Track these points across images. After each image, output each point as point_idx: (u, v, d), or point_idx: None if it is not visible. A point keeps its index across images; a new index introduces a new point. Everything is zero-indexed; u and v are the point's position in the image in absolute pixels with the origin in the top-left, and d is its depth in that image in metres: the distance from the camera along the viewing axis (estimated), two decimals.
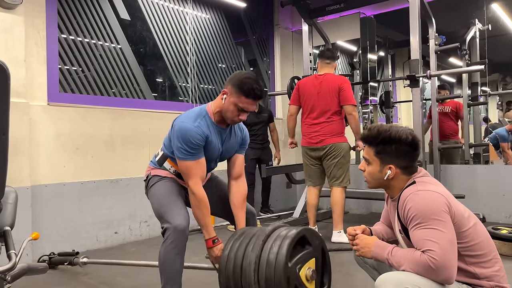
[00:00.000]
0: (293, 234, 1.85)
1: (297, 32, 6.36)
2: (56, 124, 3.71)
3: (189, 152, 2.12)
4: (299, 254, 1.85)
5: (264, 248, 1.82)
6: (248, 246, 1.88)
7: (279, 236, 1.85)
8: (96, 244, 3.93)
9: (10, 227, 2.04)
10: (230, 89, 2.15)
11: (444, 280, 1.48)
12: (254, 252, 1.83)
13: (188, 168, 2.15)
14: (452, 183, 4.74)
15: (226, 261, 1.90)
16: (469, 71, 5.37)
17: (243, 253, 1.86)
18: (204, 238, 2.21)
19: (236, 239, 1.97)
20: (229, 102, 2.15)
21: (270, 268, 1.76)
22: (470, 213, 1.65)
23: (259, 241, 1.86)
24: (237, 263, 1.86)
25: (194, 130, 2.12)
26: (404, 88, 7.94)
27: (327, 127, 3.90)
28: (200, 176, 2.17)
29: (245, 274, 1.81)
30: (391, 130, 1.68)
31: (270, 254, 1.79)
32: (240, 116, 2.17)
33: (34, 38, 3.61)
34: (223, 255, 1.94)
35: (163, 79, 4.89)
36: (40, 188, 3.55)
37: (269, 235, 1.88)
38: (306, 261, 1.87)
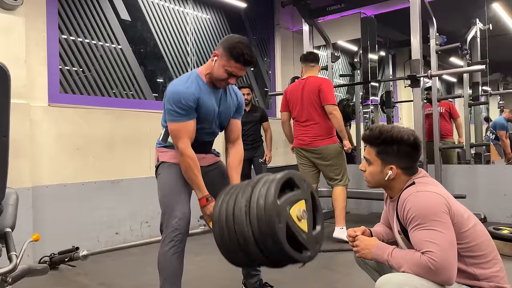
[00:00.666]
0: (279, 176, 1.84)
1: (297, 32, 6.36)
2: (56, 125, 3.72)
3: (179, 113, 2.11)
4: (287, 195, 1.83)
5: (253, 192, 1.81)
6: (238, 195, 1.87)
7: (267, 181, 1.84)
8: (97, 244, 3.92)
9: (11, 229, 2.03)
10: (221, 52, 2.12)
11: (444, 281, 1.47)
12: (244, 197, 1.82)
13: (177, 129, 2.14)
14: (453, 183, 4.74)
15: (218, 212, 1.88)
16: (470, 71, 5.37)
17: (234, 202, 1.85)
18: (197, 197, 2.19)
19: (227, 192, 1.95)
20: (218, 65, 2.13)
21: (260, 208, 1.74)
22: (470, 213, 1.65)
23: (248, 187, 1.86)
24: (229, 211, 1.84)
25: (184, 91, 2.11)
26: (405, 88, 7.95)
27: (315, 129, 3.90)
28: (189, 137, 2.15)
29: (237, 218, 1.79)
30: (393, 131, 1.67)
31: (259, 196, 1.78)
32: (229, 80, 2.16)
33: (35, 39, 3.61)
34: (215, 207, 1.92)
35: (164, 79, 4.89)
36: (41, 189, 3.55)
37: (257, 181, 1.87)
38: (295, 202, 1.85)
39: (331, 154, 3.90)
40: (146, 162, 4.28)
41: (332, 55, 5.61)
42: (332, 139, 3.94)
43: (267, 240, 1.73)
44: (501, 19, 6.69)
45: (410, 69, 4.08)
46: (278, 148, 6.03)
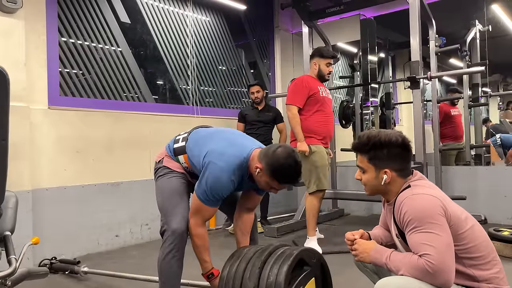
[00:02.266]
0: (290, 258, 1.82)
1: (297, 34, 6.36)
2: (56, 128, 3.72)
3: (212, 200, 2.07)
4: (298, 278, 1.83)
5: (262, 276, 1.80)
6: (245, 272, 1.85)
7: (276, 262, 1.82)
8: (97, 247, 3.93)
9: (10, 232, 2.04)
10: (264, 167, 1.99)
11: (442, 284, 1.47)
12: (251, 280, 1.80)
13: (200, 209, 2.10)
14: (453, 185, 4.74)
15: (223, 286, 1.88)
16: (470, 72, 5.37)
17: (240, 280, 1.83)
18: (201, 272, 2.20)
19: (232, 263, 1.94)
20: (261, 179, 2.04)
21: None
22: (468, 215, 1.65)
23: (255, 268, 1.84)
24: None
25: (227, 186, 2.04)
26: (405, 89, 7.96)
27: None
28: (206, 219, 2.14)
29: None
30: (380, 135, 1.68)
31: (267, 284, 1.76)
32: (271, 190, 2.12)
33: (35, 42, 3.62)
34: (220, 283, 1.92)
35: (164, 81, 4.89)
36: (41, 192, 3.55)
37: (265, 261, 1.85)
38: (306, 283, 1.86)
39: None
40: (146, 164, 4.28)
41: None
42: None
43: None
44: (501, 20, 6.71)
45: (410, 71, 4.08)
46: None
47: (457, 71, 6.05)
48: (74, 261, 3.24)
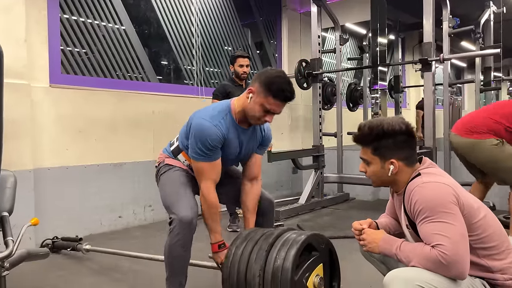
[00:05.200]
0: (298, 242, 1.77)
1: (305, 14, 6.21)
2: (58, 107, 3.65)
3: (205, 153, 2.02)
4: (306, 263, 1.79)
5: (268, 259, 1.76)
6: (251, 254, 1.81)
7: (284, 245, 1.78)
8: (100, 228, 3.90)
9: (8, 213, 1.99)
10: (257, 88, 1.98)
11: (456, 276, 1.41)
12: (257, 263, 1.77)
13: (202, 169, 2.05)
14: (462, 171, 4.63)
15: (229, 268, 1.85)
16: (485, 55, 5.22)
17: (246, 263, 1.80)
18: (210, 242, 2.14)
19: (238, 245, 1.90)
20: (255, 102, 1.99)
21: (276, 283, 1.70)
22: (480, 203, 1.58)
23: (262, 251, 1.79)
24: (241, 274, 1.80)
25: (213, 131, 1.99)
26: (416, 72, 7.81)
27: None
28: (213, 178, 2.08)
29: (250, 287, 1.76)
30: (383, 124, 1.59)
31: (274, 266, 1.73)
32: (266, 118, 2.04)
33: (35, 17, 3.52)
34: (225, 264, 1.88)
35: (168, 61, 4.79)
36: (43, 172, 3.51)
37: (272, 244, 1.81)
38: (313, 268, 1.81)
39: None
40: (150, 145, 4.22)
41: (340, 37, 5.48)
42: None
43: None
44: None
45: (422, 53, 3.95)
46: (283, 133, 5.95)
47: (471, 53, 5.90)
48: (76, 238, 3.21)
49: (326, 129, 5.34)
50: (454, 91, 8.10)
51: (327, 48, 6.75)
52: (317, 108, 4.97)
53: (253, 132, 2.20)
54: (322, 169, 4.93)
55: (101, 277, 2.82)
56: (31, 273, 2.80)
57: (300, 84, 4.88)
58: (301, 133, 6.29)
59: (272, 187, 5.55)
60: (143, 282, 2.71)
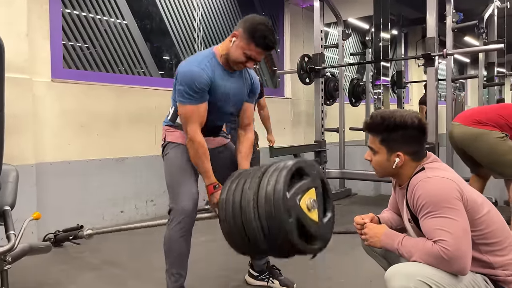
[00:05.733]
0: (288, 166, 1.78)
1: (307, 8, 6.18)
2: (60, 101, 3.65)
3: (191, 95, 2.01)
4: (297, 185, 1.78)
5: (261, 184, 1.76)
6: (245, 185, 1.82)
7: (275, 170, 1.78)
8: (102, 222, 3.91)
9: (10, 207, 1.99)
10: (241, 33, 2.00)
11: (457, 271, 1.40)
12: (251, 189, 1.77)
13: (188, 112, 2.04)
14: (464, 166, 4.63)
15: (224, 203, 1.84)
16: (488, 50, 5.19)
17: (240, 193, 1.80)
18: (204, 184, 2.12)
19: (233, 180, 1.90)
20: (237, 47, 2.01)
21: (269, 202, 1.70)
22: (484, 199, 1.57)
23: (255, 178, 1.80)
24: (236, 203, 1.80)
25: (199, 73, 1.99)
26: (419, 67, 7.77)
27: None
28: (199, 122, 2.06)
29: (245, 213, 1.75)
30: (395, 116, 1.58)
31: (267, 189, 1.73)
32: (246, 63, 2.05)
33: (37, 12, 3.51)
34: (221, 198, 1.87)
35: (170, 56, 4.78)
36: (45, 166, 3.51)
37: (265, 171, 1.81)
38: (305, 191, 1.80)
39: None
40: (152, 140, 4.22)
41: (343, 32, 5.45)
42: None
43: (277, 236, 1.70)
44: None
45: (425, 48, 3.93)
46: (285, 128, 5.94)
47: (475, 48, 5.86)
48: (77, 227, 3.22)
49: (328, 124, 5.32)
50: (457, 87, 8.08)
51: (329, 43, 6.73)
52: (319, 103, 4.95)
53: (240, 77, 2.20)
54: (324, 164, 4.92)
55: (102, 271, 2.83)
56: (33, 267, 2.82)
57: (303, 79, 4.86)
58: (303, 128, 6.28)
59: None
60: (143, 276, 2.72)
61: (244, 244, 1.81)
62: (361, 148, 5.52)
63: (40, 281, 2.64)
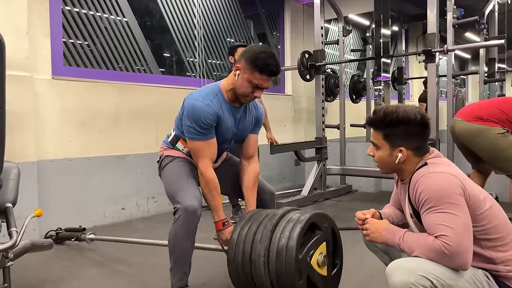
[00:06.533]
0: (302, 222, 1.79)
1: (308, 5, 6.17)
2: (61, 99, 3.65)
3: (199, 132, 2.04)
4: (310, 242, 1.81)
5: (273, 238, 1.78)
6: (256, 235, 1.83)
7: (287, 225, 1.79)
8: (103, 219, 3.92)
9: (12, 204, 1.99)
10: (244, 64, 2.03)
11: (459, 266, 1.41)
12: (262, 243, 1.78)
13: (197, 148, 2.08)
14: (465, 161, 4.62)
15: (234, 249, 1.87)
16: (489, 46, 5.17)
17: (251, 242, 1.82)
18: (213, 220, 2.15)
19: (244, 223, 1.92)
20: (242, 79, 2.04)
21: (280, 262, 1.73)
22: (487, 194, 1.57)
23: (266, 231, 1.81)
24: (246, 253, 1.82)
25: (205, 109, 2.02)
26: (419, 63, 7.75)
27: None
28: (210, 157, 2.10)
29: (255, 266, 1.78)
30: (398, 111, 1.58)
31: (279, 245, 1.75)
32: (254, 94, 2.07)
33: (37, 10, 3.50)
34: (230, 245, 1.90)
35: (170, 53, 4.78)
36: (46, 164, 3.52)
37: (277, 224, 1.82)
38: (317, 247, 1.83)
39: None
40: (152, 137, 4.22)
41: (343, 29, 5.44)
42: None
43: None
44: None
45: (425, 44, 3.92)
46: (286, 125, 5.94)
47: (475, 44, 5.84)
48: (80, 229, 3.23)
49: (329, 121, 5.32)
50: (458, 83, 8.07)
51: (330, 40, 6.71)
52: (320, 100, 4.95)
53: (246, 111, 2.22)
54: (325, 161, 4.93)
55: (105, 268, 2.84)
56: (35, 264, 2.83)
57: (303, 76, 4.86)
58: (304, 125, 6.28)
59: (274, 179, 5.56)
60: (146, 273, 2.73)
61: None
62: (361, 144, 5.52)
63: (43, 278, 2.65)
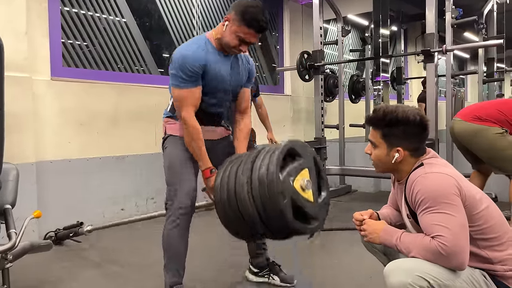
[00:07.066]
0: (280, 147, 1.78)
1: (307, 5, 6.17)
2: (60, 100, 3.65)
3: (184, 79, 2.01)
4: (290, 166, 1.78)
5: (254, 167, 1.76)
6: (238, 169, 1.82)
7: (267, 152, 1.79)
8: (102, 220, 3.91)
9: (11, 205, 2.00)
10: (233, 16, 2.00)
11: (456, 266, 1.41)
12: (244, 174, 1.77)
13: (182, 97, 2.04)
14: (464, 162, 4.63)
15: (219, 189, 1.84)
16: (488, 45, 5.19)
17: (234, 177, 1.80)
18: (200, 169, 2.12)
19: (227, 166, 1.90)
20: (230, 31, 2.01)
21: (263, 185, 1.70)
22: (483, 194, 1.58)
23: (248, 163, 1.80)
24: (230, 188, 1.79)
25: (190, 55, 2.00)
26: (418, 63, 7.76)
27: None
28: (193, 105, 2.06)
29: (240, 197, 1.76)
30: (398, 111, 1.59)
31: (260, 171, 1.73)
32: (240, 47, 2.04)
33: (36, 10, 3.50)
34: (215, 184, 1.87)
35: (169, 53, 4.77)
36: (45, 165, 3.52)
37: (257, 154, 1.82)
38: (299, 172, 1.80)
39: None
40: (152, 138, 4.23)
41: (342, 29, 5.44)
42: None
43: (273, 218, 1.70)
44: None
45: (424, 44, 3.92)
46: (285, 125, 5.95)
47: (474, 44, 5.85)
48: (77, 223, 3.23)
49: (328, 121, 5.32)
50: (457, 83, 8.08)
51: (329, 40, 6.72)
52: (319, 100, 4.95)
53: (237, 61, 2.19)
54: (324, 161, 4.93)
55: (104, 269, 2.85)
56: (34, 265, 2.83)
57: (302, 76, 4.86)
58: (303, 125, 6.28)
59: None
60: (144, 272, 2.73)
61: (241, 228, 1.82)
62: (361, 144, 5.52)
63: (42, 279, 2.65)
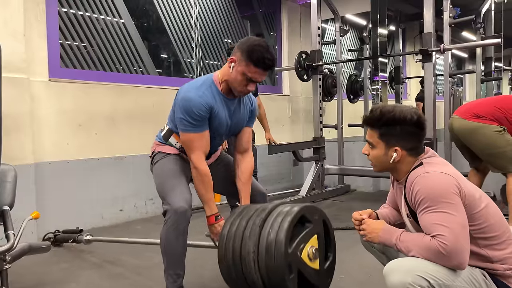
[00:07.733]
0: (291, 215, 1.76)
1: (305, 5, 6.17)
2: (58, 101, 3.64)
3: (192, 124, 2.02)
4: (300, 235, 1.78)
5: (262, 234, 1.75)
6: (245, 231, 1.80)
7: (276, 219, 1.76)
8: (101, 221, 3.91)
9: (9, 207, 1.99)
10: (239, 57, 2.00)
11: (456, 266, 1.41)
12: (251, 239, 1.76)
13: (190, 141, 2.05)
14: (463, 161, 4.63)
15: (224, 245, 1.84)
16: (486, 45, 5.19)
17: (241, 239, 1.80)
18: (205, 215, 2.13)
19: (234, 218, 1.89)
20: (236, 71, 2.01)
21: (270, 257, 1.70)
22: (482, 193, 1.58)
23: (255, 226, 1.78)
24: (236, 253, 1.80)
25: (198, 100, 2.00)
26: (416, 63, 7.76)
27: None
28: (203, 150, 2.08)
29: (245, 264, 1.76)
30: (395, 111, 1.58)
31: (268, 240, 1.72)
32: (248, 87, 2.05)
33: (34, 11, 3.50)
34: (220, 243, 1.87)
35: (167, 54, 4.77)
36: (44, 166, 3.51)
37: (266, 217, 1.80)
38: (308, 240, 1.80)
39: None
40: (150, 138, 4.16)
41: (340, 29, 5.45)
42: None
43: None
44: None
45: (422, 43, 3.93)
46: (284, 125, 5.95)
47: (472, 43, 5.85)
48: (77, 230, 3.22)
49: (326, 121, 5.33)
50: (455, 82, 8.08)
51: (327, 40, 6.72)
52: (317, 100, 4.96)
53: (240, 103, 2.20)
54: (323, 161, 4.93)
55: (103, 270, 2.83)
56: (33, 266, 2.82)
57: (300, 76, 4.86)
58: (301, 125, 6.28)
59: (273, 179, 5.56)
60: (144, 273, 2.73)
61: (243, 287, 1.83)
62: (359, 144, 5.53)
63: (40, 280, 2.64)
